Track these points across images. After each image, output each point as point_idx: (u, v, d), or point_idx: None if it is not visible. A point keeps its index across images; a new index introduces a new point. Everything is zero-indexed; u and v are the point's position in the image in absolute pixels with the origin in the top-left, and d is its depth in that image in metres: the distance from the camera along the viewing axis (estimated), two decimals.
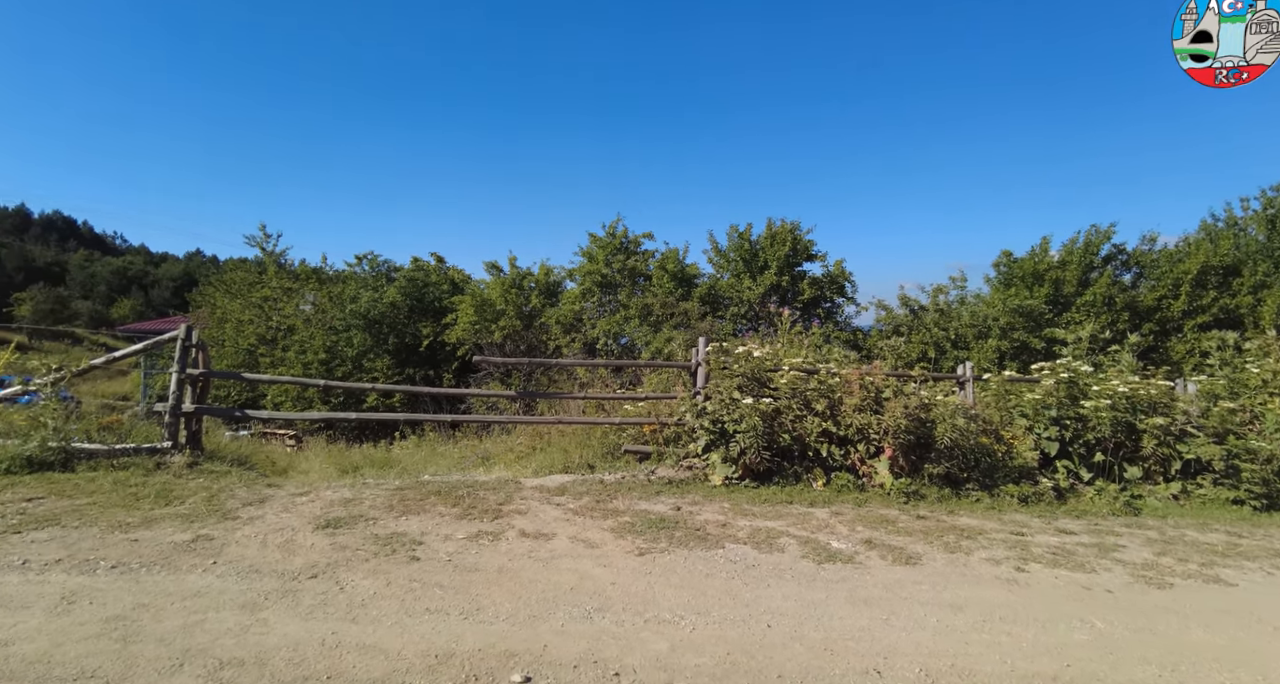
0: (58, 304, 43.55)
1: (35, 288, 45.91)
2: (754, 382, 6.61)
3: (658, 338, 12.74)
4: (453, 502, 5.20)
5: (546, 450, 7.34)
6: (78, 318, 43.31)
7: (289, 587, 3.57)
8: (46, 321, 38.00)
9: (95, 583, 3.50)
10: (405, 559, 4.02)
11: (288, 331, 17.94)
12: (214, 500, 5.02)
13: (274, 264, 20.21)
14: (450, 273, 18.66)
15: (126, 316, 50.77)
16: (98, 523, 4.42)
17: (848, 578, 4.09)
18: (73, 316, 43.01)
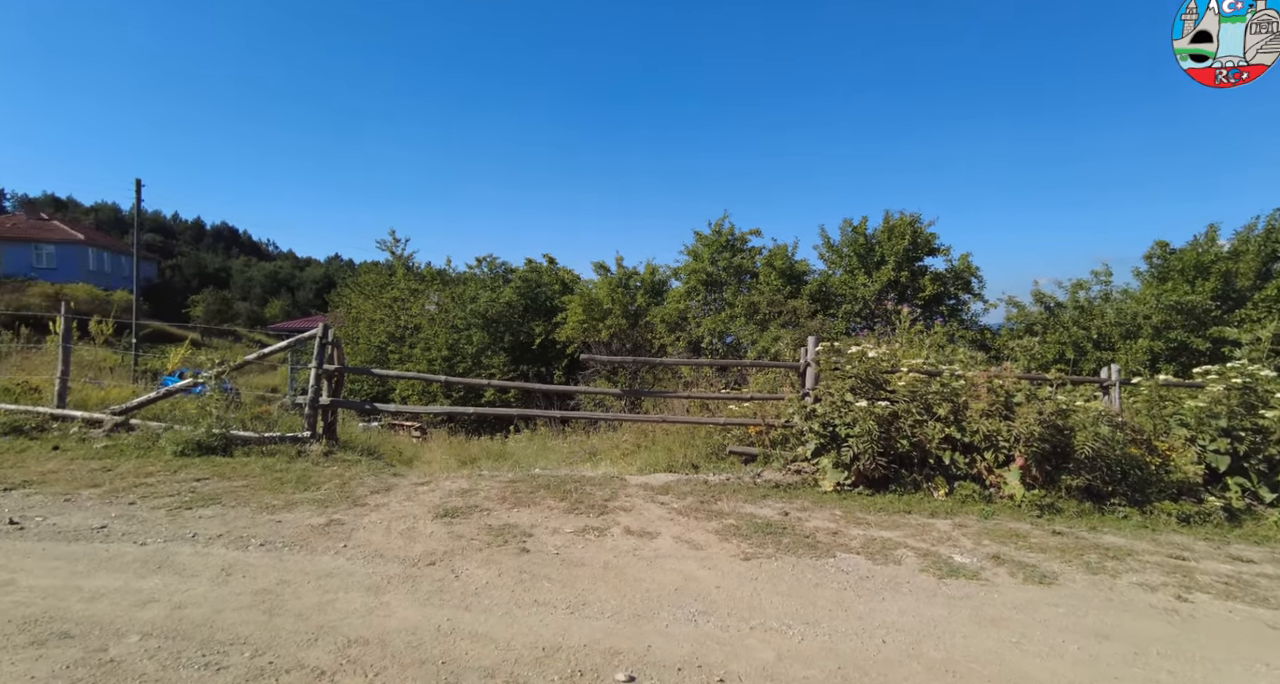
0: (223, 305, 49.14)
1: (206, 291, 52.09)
2: (868, 383, 6.28)
3: (764, 337, 12.47)
4: (561, 496, 5.32)
5: (651, 449, 7.36)
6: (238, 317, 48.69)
7: (409, 572, 3.78)
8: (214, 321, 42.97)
9: (247, 558, 3.87)
10: (516, 551, 4.15)
11: (414, 330, 19.19)
12: (345, 487, 5.42)
13: (402, 267, 21.69)
14: (561, 273, 19.23)
15: (277, 316, 56.50)
16: (249, 504, 4.89)
17: (972, 595, 3.79)
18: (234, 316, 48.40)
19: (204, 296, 49.27)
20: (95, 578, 3.48)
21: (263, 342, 34.99)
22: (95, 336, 8.82)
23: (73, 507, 4.63)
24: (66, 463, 5.69)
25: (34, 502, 4.68)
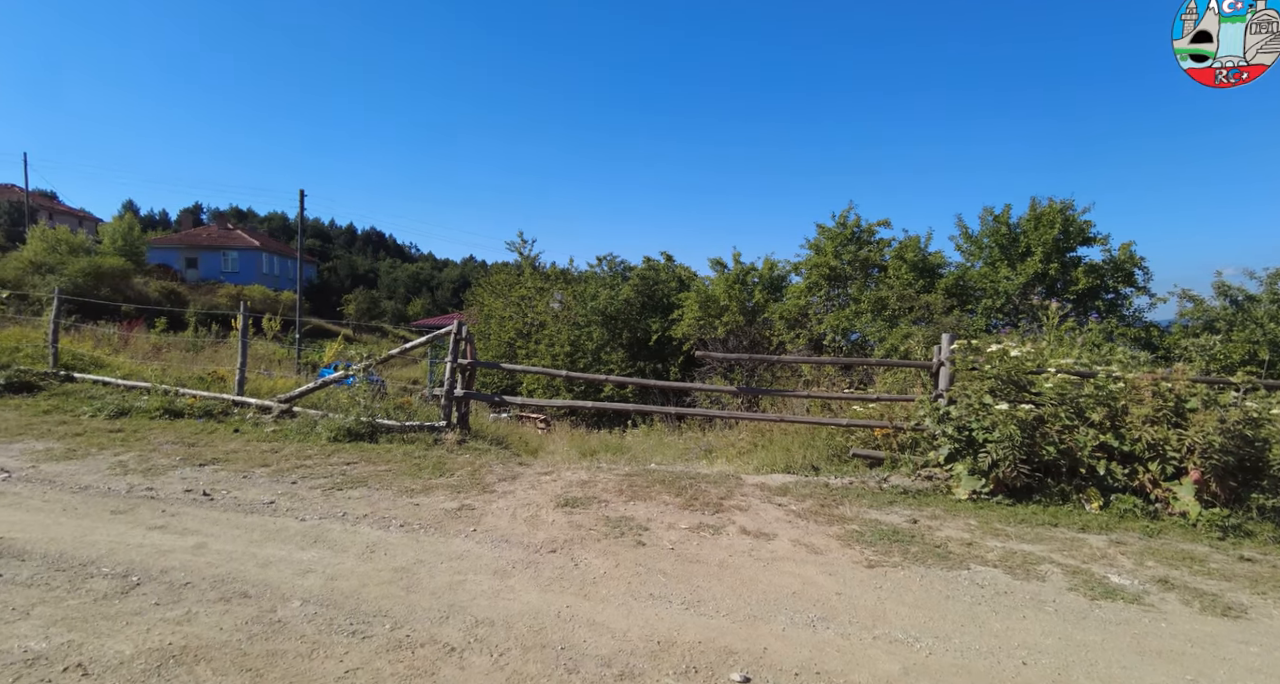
0: (372, 304, 53.98)
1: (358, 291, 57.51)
2: (1010, 385, 5.79)
3: (893, 334, 11.83)
4: (676, 491, 5.34)
5: (768, 448, 7.21)
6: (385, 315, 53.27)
7: (532, 558, 3.95)
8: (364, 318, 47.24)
9: (389, 537, 4.21)
10: (632, 543, 4.22)
11: (540, 326, 20.03)
12: (476, 474, 5.76)
13: (529, 266, 22.71)
14: (678, 270, 19.32)
15: (418, 313, 61.15)
16: (391, 487, 5.31)
17: (1133, 621, 3.38)
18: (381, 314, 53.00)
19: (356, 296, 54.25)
20: (266, 547, 3.92)
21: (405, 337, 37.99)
22: (267, 332, 9.96)
23: (249, 483, 5.25)
24: (244, 444, 6.46)
25: (220, 476, 5.36)
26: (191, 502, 4.69)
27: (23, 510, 4.25)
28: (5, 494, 4.55)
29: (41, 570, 3.37)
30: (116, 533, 3.97)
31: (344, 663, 2.71)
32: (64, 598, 3.11)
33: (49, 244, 28.82)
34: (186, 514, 4.40)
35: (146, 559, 3.62)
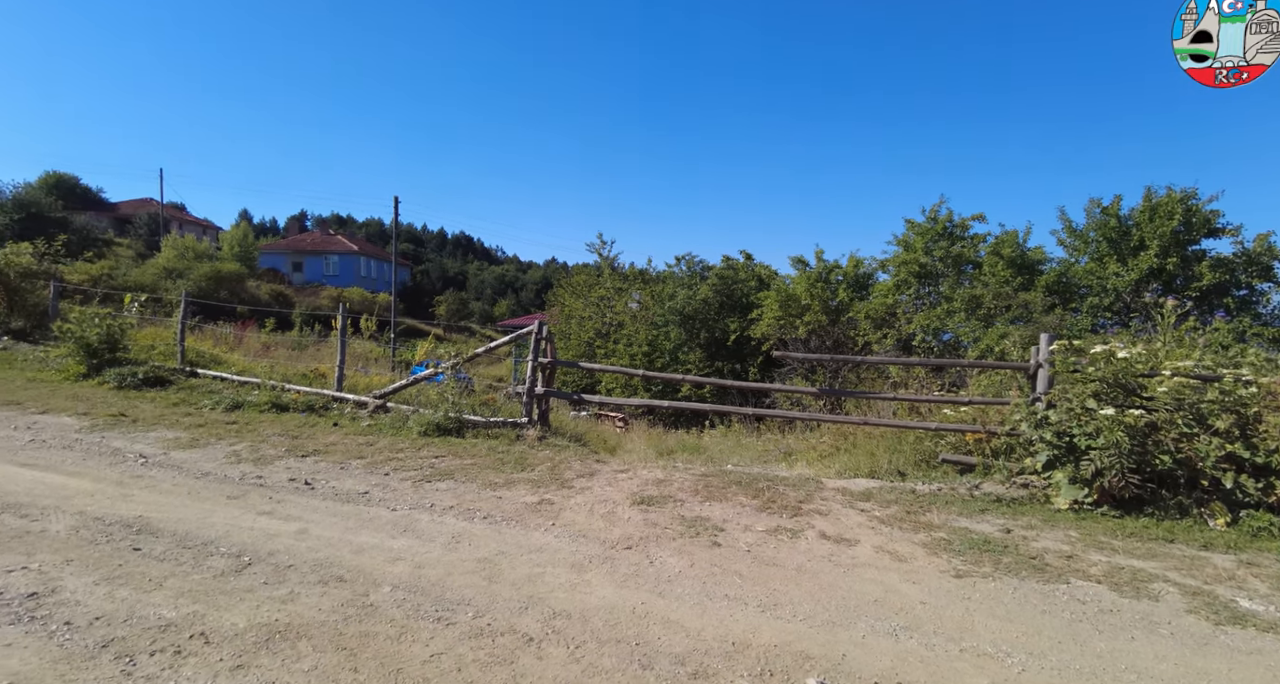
0: (460, 305, 56.20)
1: (448, 292, 60.05)
2: (1117, 388, 5.37)
3: (988, 334, 11.22)
4: (753, 493, 5.28)
5: (851, 451, 7.00)
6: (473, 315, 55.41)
7: (608, 554, 4.01)
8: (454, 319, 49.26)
9: (472, 528, 4.37)
10: (707, 543, 4.20)
11: (618, 326, 20.29)
12: (555, 470, 5.89)
13: (608, 267, 23.04)
14: (757, 269, 19.07)
15: (504, 313, 63.26)
16: (476, 480, 5.52)
17: (1267, 651, 3.06)
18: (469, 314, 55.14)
19: (446, 297, 56.67)
20: (360, 534, 4.16)
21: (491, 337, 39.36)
22: (364, 332, 10.56)
23: (345, 474, 5.59)
24: (342, 437, 6.87)
25: (320, 467, 5.73)
26: (295, 490, 5.04)
27: (157, 492, 4.70)
28: (144, 477, 5.05)
29: (171, 547, 3.72)
30: (231, 516, 4.32)
31: (429, 647, 2.84)
32: (189, 573, 3.42)
33: (179, 251, 31.72)
34: (290, 502, 4.73)
35: (256, 541, 3.92)
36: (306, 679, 2.55)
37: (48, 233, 21.30)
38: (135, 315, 10.94)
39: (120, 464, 5.39)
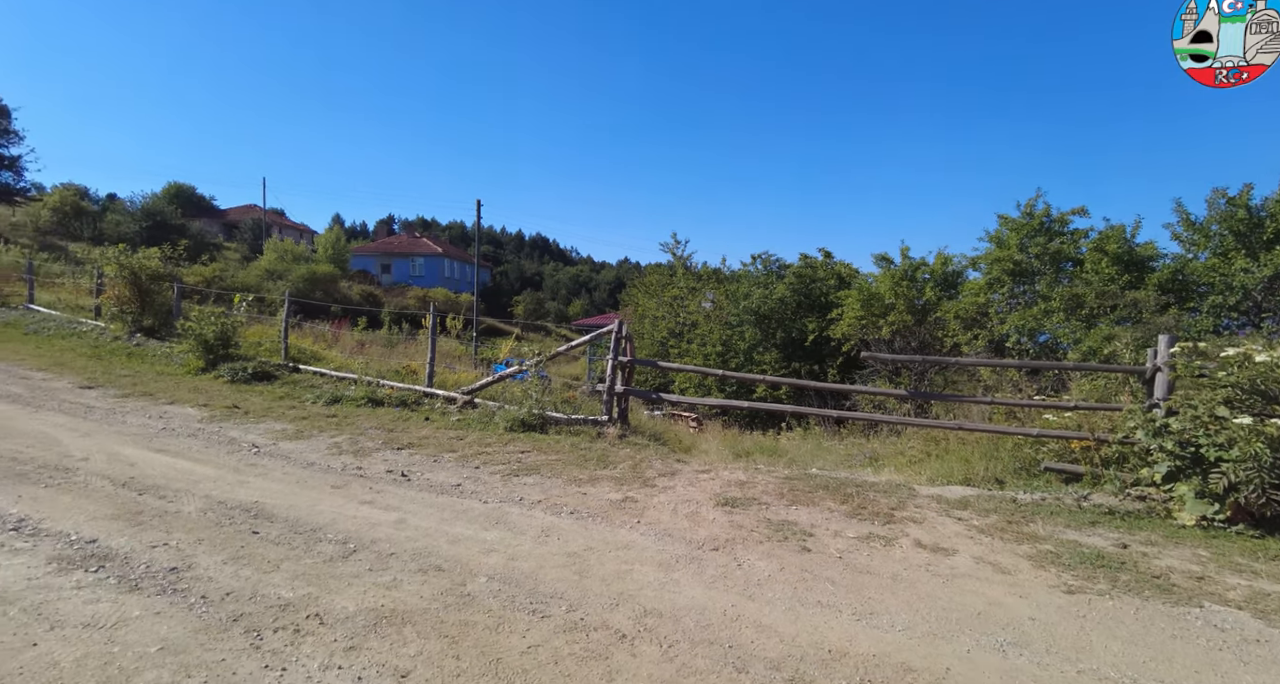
0: (537, 304, 57.67)
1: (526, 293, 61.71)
2: (1254, 395, 4.89)
3: (1091, 335, 10.49)
4: (841, 499, 5.14)
5: (943, 457, 6.70)
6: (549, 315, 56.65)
7: (695, 554, 3.99)
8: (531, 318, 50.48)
9: (560, 523, 4.46)
10: (796, 548, 4.12)
11: (691, 326, 20.21)
12: (637, 469, 5.92)
13: (682, 267, 22.99)
14: (837, 267, 18.56)
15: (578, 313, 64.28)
16: (561, 476, 5.62)
17: None
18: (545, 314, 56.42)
19: (523, 297, 58.20)
20: (455, 525, 4.31)
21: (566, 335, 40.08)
22: (451, 331, 10.97)
23: (439, 466, 5.81)
24: (433, 431, 7.15)
25: (414, 460, 5.98)
26: (392, 481, 5.28)
27: (270, 480, 5.03)
28: (257, 466, 5.41)
29: (285, 532, 3.97)
30: (336, 505, 4.57)
31: (526, 638, 2.91)
32: (302, 556, 3.64)
33: (279, 254, 33.93)
34: (389, 492, 4.96)
35: (360, 529, 4.12)
36: (413, 664, 2.66)
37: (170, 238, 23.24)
38: (244, 314, 11.75)
39: (236, 453, 5.79)
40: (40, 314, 12.85)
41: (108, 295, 12.20)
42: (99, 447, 5.54)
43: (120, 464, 5.11)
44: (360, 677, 2.55)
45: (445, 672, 2.61)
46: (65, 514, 3.98)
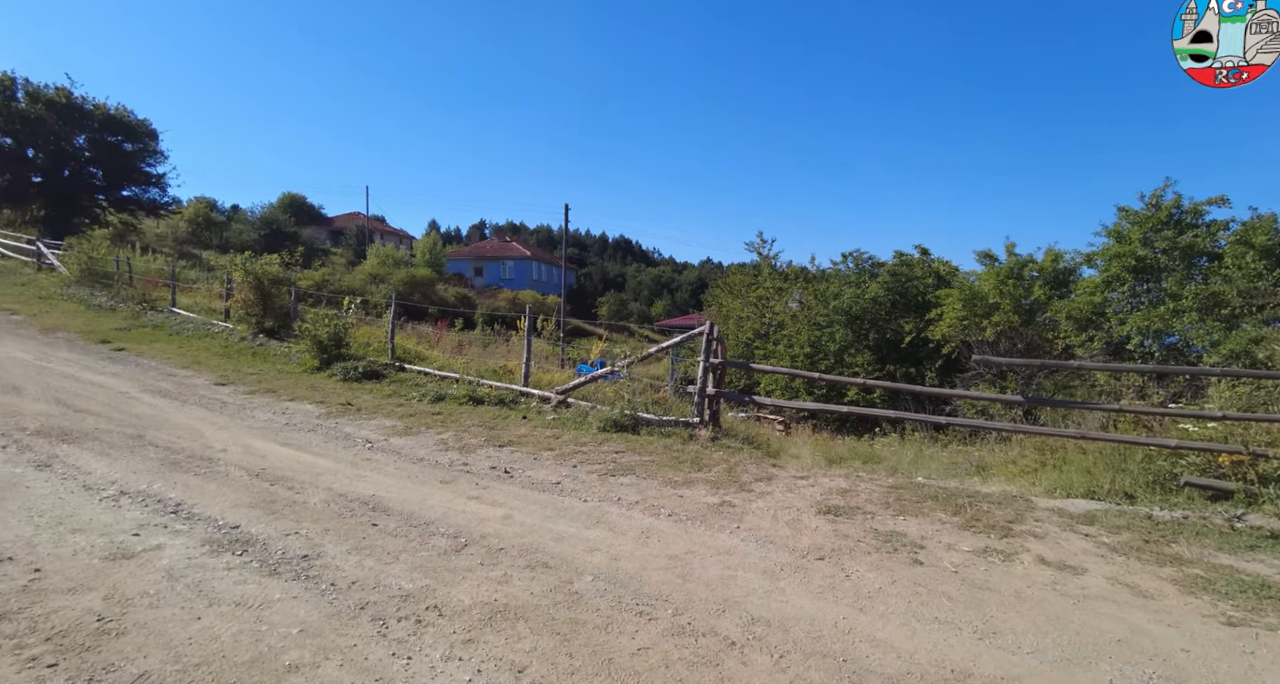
0: (620, 305, 58.32)
1: (609, 294, 62.58)
2: None
3: (1233, 337, 9.50)
4: (953, 509, 4.88)
5: (1061, 468, 6.23)
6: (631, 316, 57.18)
7: (799, 563, 3.89)
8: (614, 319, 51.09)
9: (659, 525, 4.46)
10: (907, 560, 3.94)
11: (778, 327, 19.82)
12: (732, 472, 5.85)
13: (768, 266, 22.60)
14: (935, 265, 17.71)
15: (660, 314, 64.51)
16: (656, 477, 5.64)
17: None
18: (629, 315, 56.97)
19: (607, 299, 59.02)
20: (558, 523, 4.40)
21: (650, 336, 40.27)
22: (544, 333, 11.23)
23: (538, 464, 5.96)
24: (530, 429, 7.35)
25: (515, 457, 6.16)
26: (496, 477, 5.46)
27: (383, 474, 5.32)
28: (371, 460, 5.74)
29: (401, 525, 4.18)
30: (446, 500, 4.77)
31: (635, 640, 2.92)
32: (418, 549, 3.81)
33: (380, 259, 35.92)
34: (494, 488, 5.13)
35: (469, 524, 4.28)
36: (528, 659, 2.72)
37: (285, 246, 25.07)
38: (352, 316, 12.51)
39: (351, 447, 6.16)
40: (181, 316, 14.16)
41: (235, 299, 13.30)
42: (234, 439, 6.03)
43: (253, 456, 5.54)
44: (480, 669, 2.64)
45: (559, 669, 2.66)
46: (212, 501, 4.36)
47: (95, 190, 28.42)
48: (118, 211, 29.39)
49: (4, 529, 3.70)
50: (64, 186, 26.89)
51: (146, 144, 28.78)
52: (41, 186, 26.46)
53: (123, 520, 3.94)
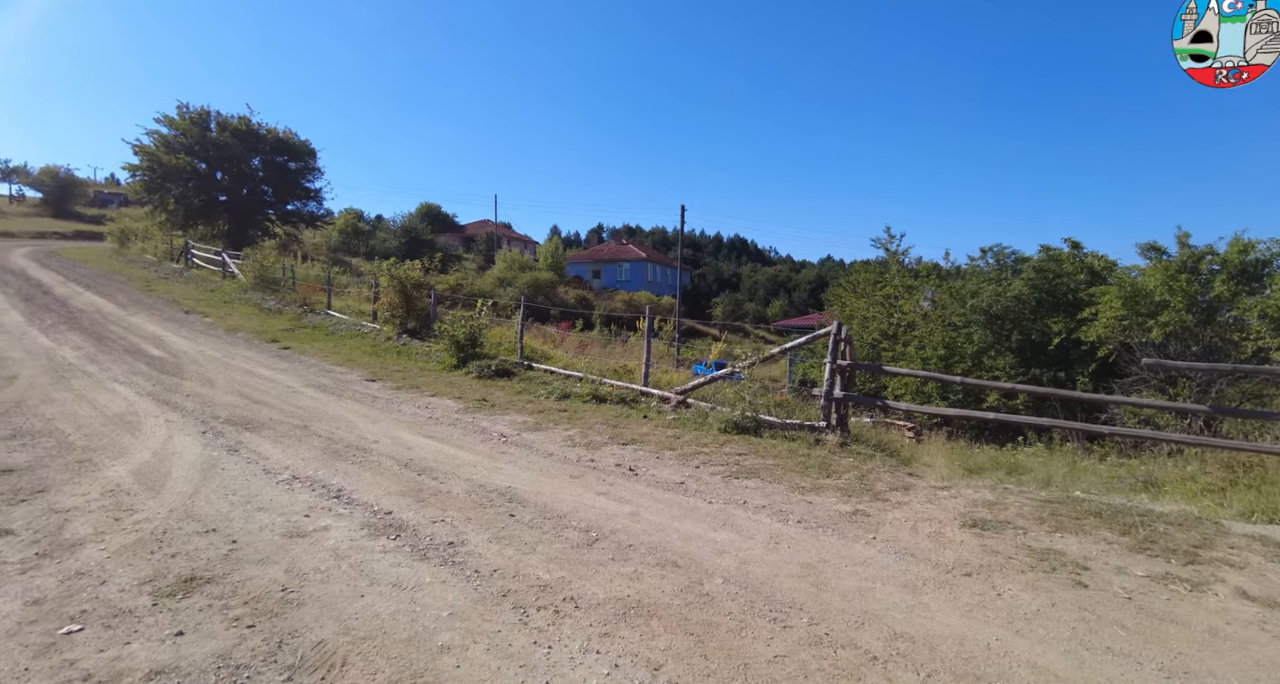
0: (735, 306, 57.74)
1: (724, 294, 62.17)
2: None
3: None
4: (1120, 529, 4.38)
5: (1261, 489, 5.41)
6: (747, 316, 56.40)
7: (944, 578, 3.65)
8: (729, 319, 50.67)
9: (788, 531, 4.34)
10: (1069, 582, 3.59)
11: (908, 327, 18.77)
12: (864, 480, 5.60)
13: (896, 263, 21.47)
14: (1089, 260, 16.04)
15: (776, 314, 63.17)
16: (782, 482, 5.50)
17: None
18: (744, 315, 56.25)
19: (721, 299, 58.66)
20: (684, 523, 4.40)
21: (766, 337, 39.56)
22: (662, 335, 11.34)
23: (661, 463, 6.00)
24: (652, 428, 7.42)
25: (639, 455, 6.24)
26: (621, 475, 5.56)
27: (518, 468, 5.57)
28: (506, 454, 6.03)
29: (536, 517, 4.35)
30: (576, 494, 4.91)
31: (771, 647, 2.85)
32: (552, 541, 3.95)
33: (507, 264, 37.84)
34: (620, 485, 5.22)
35: (599, 519, 4.38)
36: (664, 658, 2.74)
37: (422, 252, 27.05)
38: (485, 318, 13.23)
39: (487, 441, 6.50)
40: (335, 318, 15.63)
41: (381, 302, 14.48)
42: (384, 431, 6.55)
43: (401, 447, 5.99)
44: (617, 664, 2.68)
45: (695, 671, 2.65)
46: (368, 488, 4.75)
47: (266, 206, 32.02)
48: (283, 224, 32.93)
49: (208, 505, 4.24)
50: (243, 204, 30.51)
51: (307, 162, 32.03)
52: (226, 204, 30.17)
53: (296, 502, 4.39)
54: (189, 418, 6.53)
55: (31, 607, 2.93)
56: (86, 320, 12.90)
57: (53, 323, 12.26)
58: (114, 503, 4.24)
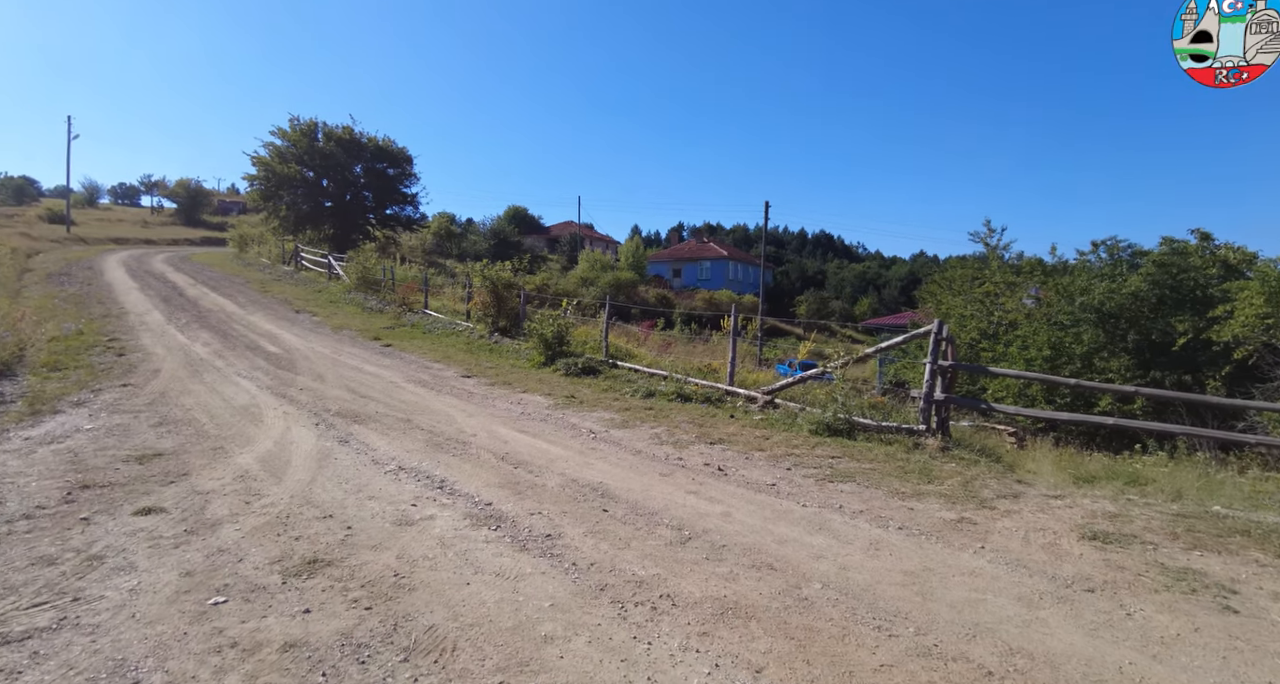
0: (820, 304, 56.23)
1: (808, 292, 60.67)
2: None
3: None
4: (1275, 551, 3.96)
5: None
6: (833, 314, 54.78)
7: (1063, 593, 3.41)
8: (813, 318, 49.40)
9: (889, 537, 4.18)
10: (1214, 606, 3.27)
11: (1009, 326, 17.70)
12: (969, 486, 5.31)
13: (996, 259, 20.28)
14: (1221, 253, 14.62)
15: (865, 313, 60.98)
16: (880, 487, 5.30)
17: None
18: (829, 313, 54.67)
19: (806, 297, 57.30)
20: (778, 525, 4.32)
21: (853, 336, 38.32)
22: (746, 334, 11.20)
23: (750, 464, 5.91)
24: (739, 428, 7.33)
25: (727, 455, 6.18)
26: (710, 474, 5.52)
27: (607, 464, 5.64)
28: (596, 450, 6.12)
29: (628, 513, 4.39)
30: (666, 492, 4.92)
31: (876, 655, 2.75)
32: (645, 538, 3.97)
33: (590, 264, 38.46)
34: (710, 484, 5.19)
35: (690, 518, 4.36)
36: (765, 660, 2.69)
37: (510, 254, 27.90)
38: (570, 316, 13.49)
39: (577, 437, 6.61)
40: (432, 317, 16.36)
41: (474, 302, 15.03)
42: (481, 426, 6.79)
43: (497, 441, 6.19)
44: (717, 663, 2.66)
45: (798, 675, 2.59)
46: (468, 480, 4.94)
47: (367, 211, 33.94)
48: (382, 228, 34.81)
49: (324, 492, 4.53)
50: (346, 209, 32.46)
51: (404, 168, 33.72)
52: (331, 210, 32.20)
53: (403, 492, 4.62)
54: (303, 410, 7.00)
55: (185, 578, 3.23)
56: (214, 319, 14.09)
57: (186, 322, 13.46)
58: (244, 488, 4.60)
